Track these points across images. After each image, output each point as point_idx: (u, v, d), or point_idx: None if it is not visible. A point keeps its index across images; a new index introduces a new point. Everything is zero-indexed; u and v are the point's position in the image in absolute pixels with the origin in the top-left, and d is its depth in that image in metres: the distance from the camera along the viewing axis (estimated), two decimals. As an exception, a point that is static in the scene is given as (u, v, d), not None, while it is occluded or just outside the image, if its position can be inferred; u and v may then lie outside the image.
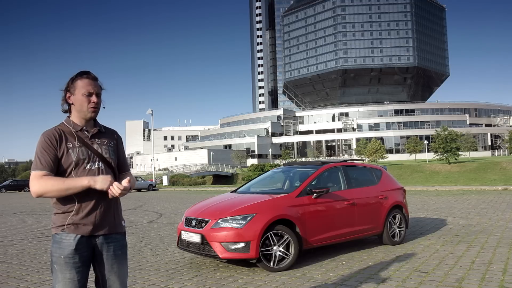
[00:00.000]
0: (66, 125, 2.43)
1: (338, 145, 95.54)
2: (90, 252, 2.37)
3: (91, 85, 2.39)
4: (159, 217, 12.79)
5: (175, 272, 5.48)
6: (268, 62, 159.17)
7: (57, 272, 2.31)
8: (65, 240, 2.31)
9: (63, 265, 2.29)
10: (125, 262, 2.50)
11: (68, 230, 2.32)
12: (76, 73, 2.42)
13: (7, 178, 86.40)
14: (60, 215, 2.36)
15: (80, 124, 2.44)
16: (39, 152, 2.32)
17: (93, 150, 2.41)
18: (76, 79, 2.39)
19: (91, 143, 2.43)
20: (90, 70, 2.47)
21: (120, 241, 2.48)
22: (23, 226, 11.50)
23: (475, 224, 8.78)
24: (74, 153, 2.35)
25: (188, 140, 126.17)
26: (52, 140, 2.34)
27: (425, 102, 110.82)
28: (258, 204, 5.68)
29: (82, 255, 2.33)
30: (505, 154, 79.98)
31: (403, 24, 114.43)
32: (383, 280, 4.74)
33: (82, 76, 2.40)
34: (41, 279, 5.30)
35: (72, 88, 2.39)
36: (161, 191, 36.13)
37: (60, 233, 2.33)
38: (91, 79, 2.40)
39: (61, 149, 2.35)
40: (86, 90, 2.37)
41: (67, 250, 2.29)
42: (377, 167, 7.67)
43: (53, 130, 2.40)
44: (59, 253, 2.30)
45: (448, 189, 21.33)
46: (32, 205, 21.57)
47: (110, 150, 2.49)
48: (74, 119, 2.44)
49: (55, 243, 2.34)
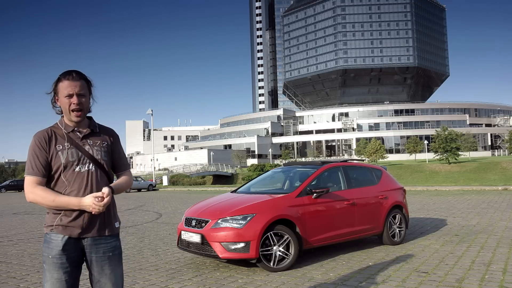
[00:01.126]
0: (59, 126, 2.40)
1: (338, 145, 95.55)
2: (79, 253, 2.36)
3: (70, 86, 2.30)
4: (159, 217, 12.79)
5: (175, 272, 5.48)
6: (268, 62, 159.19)
7: (45, 271, 2.32)
8: (54, 240, 2.31)
9: (51, 264, 2.29)
10: (118, 264, 2.45)
11: (56, 230, 2.32)
12: (59, 75, 2.35)
13: (7, 178, 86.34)
14: (51, 215, 2.37)
15: (71, 125, 2.39)
16: (31, 156, 2.32)
17: (83, 151, 2.36)
18: (58, 81, 2.33)
19: (82, 144, 2.37)
20: (80, 71, 2.41)
21: (110, 243, 2.42)
22: (23, 226, 11.50)
23: (475, 224, 8.78)
24: (63, 155, 2.32)
25: (188, 140, 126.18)
26: (42, 142, 2.32)
27: (425, 102, 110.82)
28: (258, 204, 5.68)
29: (69, 256, 2.31)
30: (505, 154, 79.98)
31: (403, 24, 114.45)
32: (383, 280, 4.74)
33: (64, 77, 2.32)
34: (41, 279, 5.29)
35: (57, 91, 2.34)
36: (161, 191, 36.13)
37: (49, 233, 2.34)
38: (71, 80, 2.30)
39: (51, 151, 2.32)
40: (67, 92, 2.30)
41: (54, 251, 2.29)
42: (377, 167, 7.67)
43: (44, 131, 2.37)
44: (47, 253, 2.31)
45: (448, 189, 21.32)
46: (32, 205, 21.57)
47: (102, 151, 2.42)
48: (66, 120, 2.41)
49: (45, 243, 2.36)
